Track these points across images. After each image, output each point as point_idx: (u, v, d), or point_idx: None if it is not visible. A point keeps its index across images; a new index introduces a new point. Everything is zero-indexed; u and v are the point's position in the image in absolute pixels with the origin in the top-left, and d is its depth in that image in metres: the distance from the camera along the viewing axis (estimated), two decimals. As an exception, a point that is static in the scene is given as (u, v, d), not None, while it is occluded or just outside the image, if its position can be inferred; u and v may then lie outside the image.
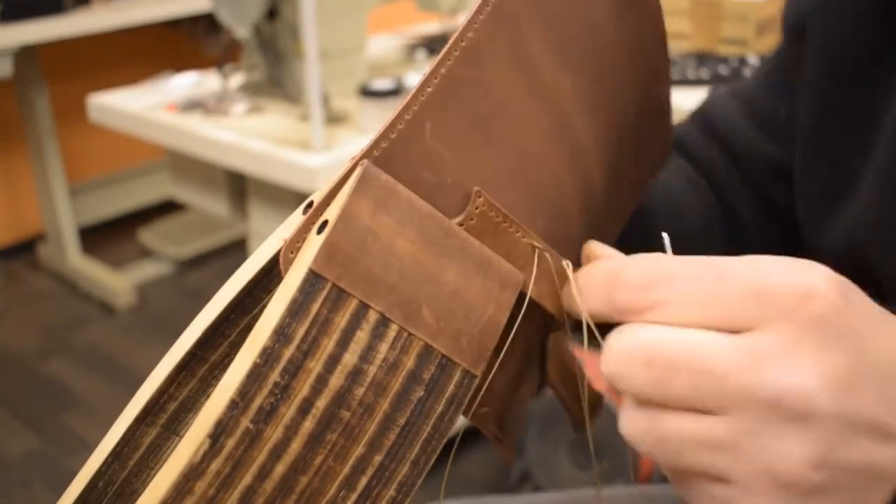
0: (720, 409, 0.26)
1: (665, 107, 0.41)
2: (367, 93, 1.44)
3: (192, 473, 0.25)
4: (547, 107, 0.32)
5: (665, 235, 0.32)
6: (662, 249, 0.31)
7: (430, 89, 0.29)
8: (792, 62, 0.51)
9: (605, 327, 0.29)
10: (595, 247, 0.34)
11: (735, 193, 0.55)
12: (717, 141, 0.56)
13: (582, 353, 0.40)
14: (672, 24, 1.57)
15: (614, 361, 0.28)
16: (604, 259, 0.30)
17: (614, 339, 0.28)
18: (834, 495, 0.26)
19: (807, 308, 0.26)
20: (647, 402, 0.28)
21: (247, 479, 0.26)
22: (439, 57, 0.29)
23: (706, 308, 0.27)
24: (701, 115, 0.58)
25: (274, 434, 0.26)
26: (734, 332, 0.26)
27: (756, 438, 0.26)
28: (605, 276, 0.29)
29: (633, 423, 0.28)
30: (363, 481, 0.28)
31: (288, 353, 0.26)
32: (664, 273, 0.27)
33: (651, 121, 0.41)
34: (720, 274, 0.27)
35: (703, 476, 0.27)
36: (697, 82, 1.45)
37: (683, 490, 0.29)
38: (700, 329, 0.27)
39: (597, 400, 0.42)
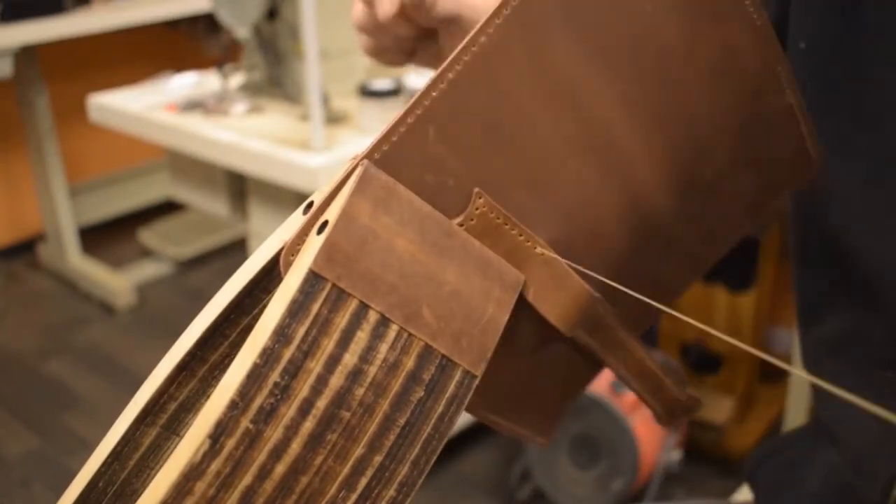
0: None
1: (791, 116, 0.39)
2: (367, 93, 1.44)
3: (192, 473, 0.25)
4: (574, 115, 0.32)
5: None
6: None
7: (435, 94, 0.29)
8: None
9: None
10: None
11: None
12: None
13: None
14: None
15: None
16: None
17: None
18: None
19: None
20: None
21: (247, 480, 0.26)
22: (447, 62, 0.29)
23: None
24: None
25: (274, 434, 0.26)
26: None
27: None
28: None
29: None
30: (363, 482, 0.28)
31: (288, 353, 0.26)
32: None
33: (770, 131, 0.39)
34: None
35: None
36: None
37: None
38: None
39: (686, 402, 0.42)
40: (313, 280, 0.26)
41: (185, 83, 1.77)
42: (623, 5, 0.32)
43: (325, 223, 0.27)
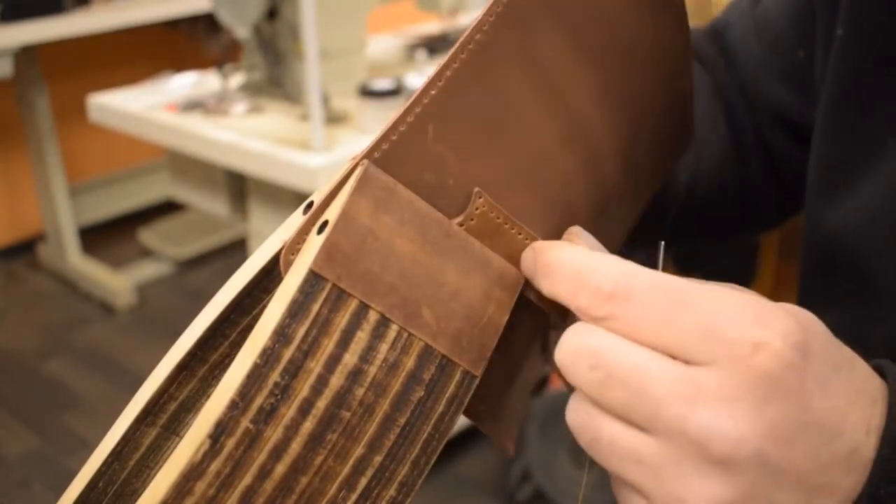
0: (651, 430, 0.27)
1: (687, 98, 0.41)
2: (367, 93, 1.44)
3: (192, 473, 0.25)
4: (559, 109, 0.32)
5: (661, 244, 0.32)
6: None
7: (433, 92, 0.29)
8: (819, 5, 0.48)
9: None
10: (577, 231, 0.34)
11: (741, 120, 0.53)
12: (728, 62, 0.53)
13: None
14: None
15: (565, 353, 0.28)
16: (577, 248, 0.30)
17: (570, 333, 0.29)
18: None
19: (754, 360, 0.26)
20: (589, 400, 0.28)
21: (247, 480, 0.26)
22: (445, 60, 0.29)
23: (660, 331, 0.27)
24: (714, 30, 0.55)
25: (274, 434, 0.26)
26: (683, 360, 0.27)
27: (677, 468, 0.26)
28: (576, 269, 0.29)
29: (575, 415, 0.29)
30: (363, 481, 0.28)
31: (288, 353, 0.26)
32: (628, 287, 0.28)
33: (673, 112, 0.41)
34: (680, 303, 0.27)
35: (628, 484, 0.28)
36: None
37: (615, 487, 0.30)
38: (651, 350, 0.27)
39: None
40: (313, 280, 0.26)
41: (185, 83, 1.77)
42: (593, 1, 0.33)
43: (325, 223, 0.27)
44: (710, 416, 0.25)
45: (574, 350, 0.28)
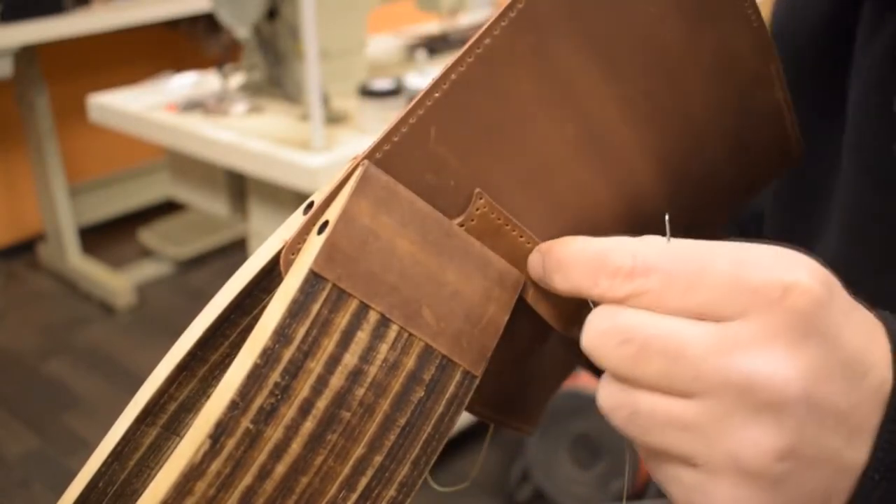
0: (693, 393, 0.26)
1: (778, 111, 0.40)
2: (367, 93, 1.44)
3: (192, 474, 0.25)
4: (575, 117, 0.32)
5: (666, 215, 0.32)
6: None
7: (437, 95, 0.29)
8: None
9: None
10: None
11: None
12: None
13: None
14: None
15: (592, 337, 0.28)
16: (584, 238, 0.30)
17: (594, 317, 0.28)
18: (796, 488, 0.26)
19: (786, 302, 0.26)
20: (622, 379, 0.28)
21: (247, 480, 0.26)
22: (451, 63, 0.29)
23: (686, 297, 0.27)
24: None
25: (274, 434, 0.26)
26: (714, 320, 0.27)
27: (726, 423, 0.26)
28: (588, 258, 0.29)
29: (607, 396, 0.28)
30: (363, 482, 0.28)
31: (288, 353, 0.26)
32: (647, 262, 0.28)
33: (758, 127, 0.40)
34: (701, 265, 0.27)
35: (672, 457, 0.28)
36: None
37: (654, 469, 0.29)
38: (679, 317, 0.27)
39: None
40: (314, 280, 0.26)
41: (185, 83, 1.77)
42: (625, 7, 0.32)
43: (326, 223, 0.27)
44: (753, 363, 0.25)
45: (601, 332, 0.28)
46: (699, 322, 0.26)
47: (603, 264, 0.28)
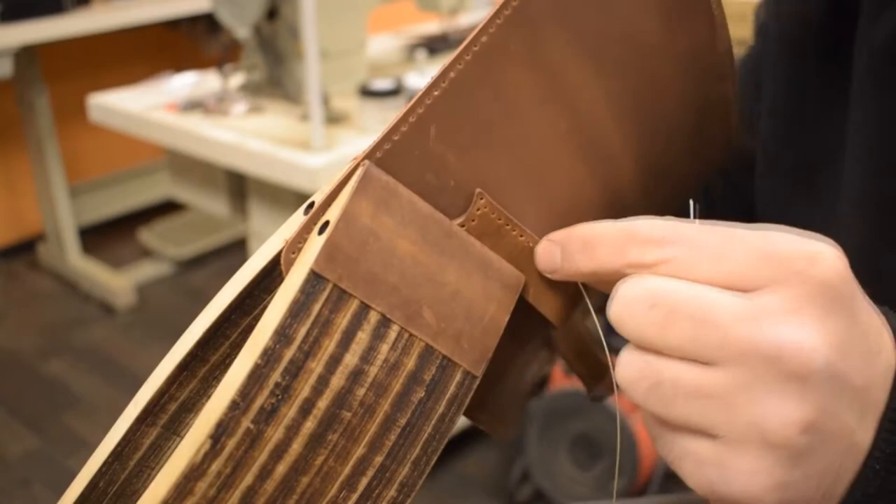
0: (719, 360, 0.26)
1: (728, 104, 0.41)
2: (367, 93, 1.44)
3: (192, 474, 0.25)
4: (568, 113, 0.32)
5: (692, 202, 0.32)
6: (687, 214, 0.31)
7: (436, 93, 0.29)
8: (758, 63, 0.51)
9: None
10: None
11: None
12: None
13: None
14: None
15: (620, 304, 0.28)
16: (606, 220, 0.30)
17: (623, 285, 0.28)
18: (813, 463, 0.26)
19: (813, 272, 0.26)
20: (647, 347, 0.28)
21: (248, 480, 0.26)
22: (449, 61, 0.29)
23: (715, 265, 0.27)
24: None
25: (275, 434, 0.26)
26: (741, 290, 0.27)
27: (751, 393, 0.26)
28: (617, 231, 0.29)
29: (630, 366, 0.28)
30: (364, 482, 0.28)
31: (289, 353, 0.26)
32: (677, 231, 0.28)
33: (711, 119, 0.41)
34: (731, 235, 0.27)
35: (691, 430, 0.27)
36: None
37: (668, 446, 0.29)
38: (708, 285, 0.27)
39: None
40: (314, 280, 0.26)
41: (185, 83, 1.77)
42: (609, 2, 0.33)
43: (326, 223, 0.27)
44: (780, 331, 0.25)
45: (630, 299, 0.28)
46: (728, 292, 0.27)
47: (632, 235, 0.28)
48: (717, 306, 0.26)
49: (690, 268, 0.27)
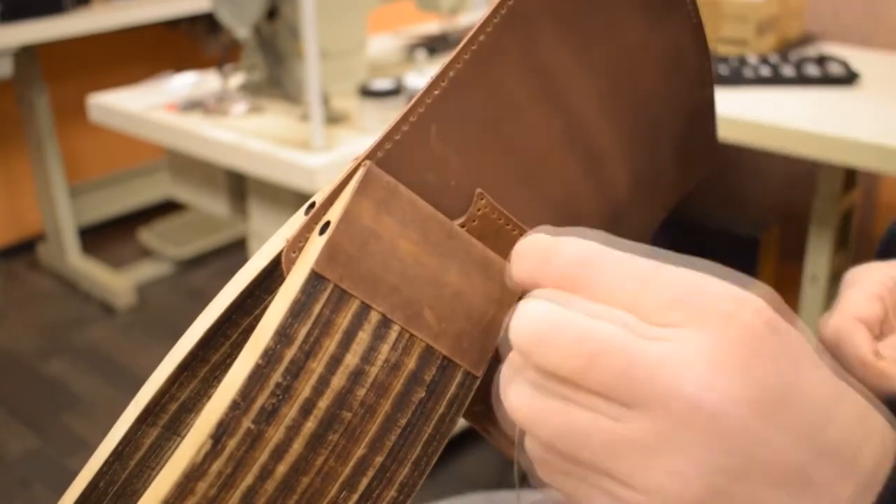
0: (638, 405, 0.25)
1: (709, 110, 0.41)
2: (367, 93, 1.44)
3: (193, 473, 0.25)
4: (561, 111, 0.32)
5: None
6: None
7: (436, 93, 0.29)
8: None
9: None
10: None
11: None
12: None
13: None
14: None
15: (528, 331, 0.26)
16: (545, 233, 0.29)
17: (534, 309, 0.26)
18: None
19: (739, 317, 0.25)
20: (563, 379, 0.26)
21: (248, 480, 0.26)
22: (448, 60, 0.29)
23: (637, 297, 0.25)
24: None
25: (275, 434, 0.26)
26: (664, 326, 0.25)
27: (668, 441, 0.24)
28: (543, 244, 0.27)
29: (534, 405, 0.26)
30: (364, 482, 0.28)
31: (290, 353, 0.26)
32: (603, 255, 0.26)
33: (694, 124, 0.41)
34: (657, 266, 0.26)
35: (598, 475, 0.26)
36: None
37: (568, 487, 0.27)
38: (627, 315, 0.25)
39: None
40: (315, 280, 0.26)
41: (185, 83, 1.77)
42: (597, 2, 0.33)
43: (327, 224, 0.27)
44: (704, 377, 0.24)
45: (554, 324, 0.25)
46: (653, 328, 0.25)
47: (556, 252, 0.27)
48: (644, 350, 0.25)
49: (614, 294, 0.26)
